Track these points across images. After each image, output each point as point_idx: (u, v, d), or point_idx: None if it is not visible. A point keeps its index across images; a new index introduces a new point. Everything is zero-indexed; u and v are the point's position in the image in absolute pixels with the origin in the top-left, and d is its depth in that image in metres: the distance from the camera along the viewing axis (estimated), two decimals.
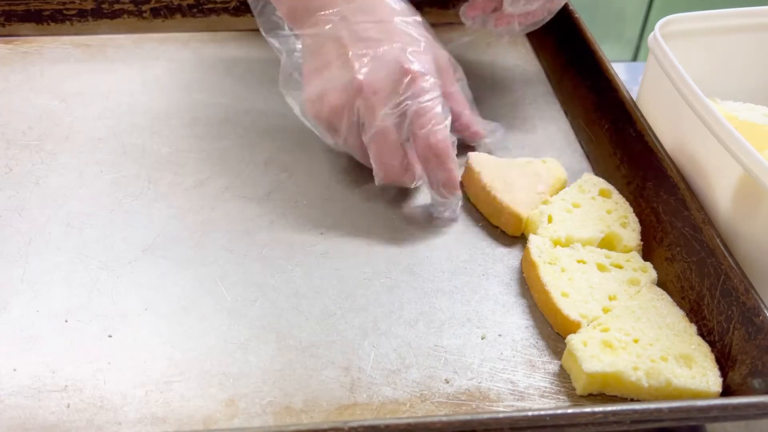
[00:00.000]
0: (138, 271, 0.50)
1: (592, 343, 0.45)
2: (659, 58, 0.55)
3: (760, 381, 0.43)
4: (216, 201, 0.55)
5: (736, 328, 0.45)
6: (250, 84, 0.66)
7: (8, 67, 0.66)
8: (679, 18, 0.59)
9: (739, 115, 0.57)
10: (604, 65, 0.62)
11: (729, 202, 0.50)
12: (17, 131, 0.60)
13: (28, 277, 0.49)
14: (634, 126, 0.57)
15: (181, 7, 0.71)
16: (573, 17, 0.68)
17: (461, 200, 0.55)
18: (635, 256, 0.52)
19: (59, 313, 0.47)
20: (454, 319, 0.49)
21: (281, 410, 0.43)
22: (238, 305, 0.48)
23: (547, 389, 0.45)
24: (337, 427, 0.37)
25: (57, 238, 0.52)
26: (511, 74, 0.70)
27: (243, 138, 0.61)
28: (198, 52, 0.70)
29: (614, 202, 0.55)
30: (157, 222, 0.53)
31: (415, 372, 0.45)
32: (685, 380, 0.44)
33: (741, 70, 0.63)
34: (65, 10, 0.70)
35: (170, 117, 0.62)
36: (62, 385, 0.44)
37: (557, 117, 0.66)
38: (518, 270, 0.52)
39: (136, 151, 0.59)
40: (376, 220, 0.55)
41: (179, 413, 0.43)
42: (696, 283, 0.49)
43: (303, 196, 0.56)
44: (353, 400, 0.44)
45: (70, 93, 0.64)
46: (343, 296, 0.49)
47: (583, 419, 0.39)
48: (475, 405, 0.44)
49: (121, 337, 0.46)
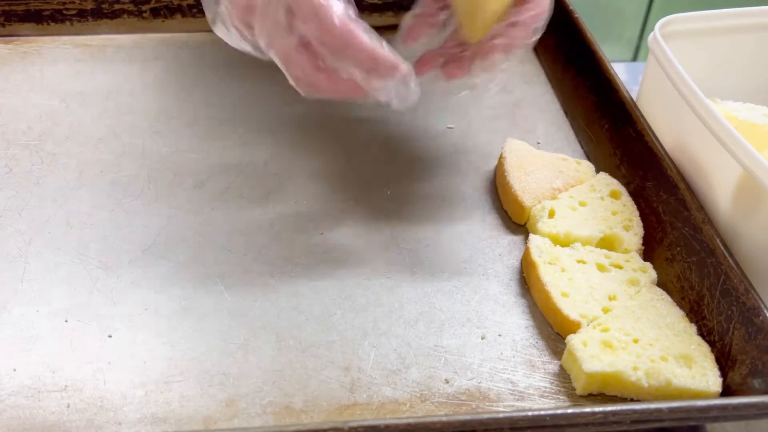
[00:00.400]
0: (138, 271, 0.50)
1: (592, 343, 0.45)
2: (659, 58, 0.55)
3: (760, 381, 0.43)
4: (216, 201, 0.55)
5: (736, 328, 0.45)
6: (250, 84, 0.66)
7: (8, 67, 0.66)
8: (679, 18, 0.59)
9: (739, 115, 0.57)
10: (604, 65, 0.62)
11: (729, 202, 0.50)
12: (17, 131, 0.60)
13: (28, 277, 0.49)
14: (634, 126, 0.57)
15: (181, 7, 0.71)
16: (573, 17, 0.68)
17: (414, 84, 0.46)
18: (635, 257, 0.52)
19: (59, 313, 0.47)
20: (454, 319, 0.49)
21: (281, 410, 0.43)
22: (238, 305, 0.48)
23: (547, 389, 0.45)
24: (337, 427, 0.37)
25: (57, 238, 0.52)
26: (511, 74, 0.70)
27: (243, 138, 0.61)
28: (198, 52, 0.70)
29: (622, 204, 0.55)
30: (157, 222, 0.53)
31: (415, 372, 0.45)
32: (685, 380, 0.44)
33: (741, 70, 0.63)
34: (65, 10, 0.70)
35: (170, 117, 0.62)
36: (62, 385, 0.44)
37: (557, 117, 0.66)
38: (518, 270, 0.52)
39: (136, 151, 0.59)
40: (376, 220, 0.55)
41: (179, 413, 0.43)
42: (696, 283, 0.49)
43: (303, 196, 0.56)
44: (353, 400, 0.44)
45: (70, 93, 0.64)
46: (343, 296, 0.49)
47: (583, 419, 0.39)
48: (475, 405, 0.44)
49: (121, 337, 0.46)
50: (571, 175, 0.57)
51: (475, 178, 0.59)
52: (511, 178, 0.56)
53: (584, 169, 0.58)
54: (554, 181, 0.56)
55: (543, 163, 0.57)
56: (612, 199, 0.55)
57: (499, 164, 0.58)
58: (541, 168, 0.57)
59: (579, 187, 0.56)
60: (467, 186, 0.58)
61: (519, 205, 0.55)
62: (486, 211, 0.56)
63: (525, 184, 0.55)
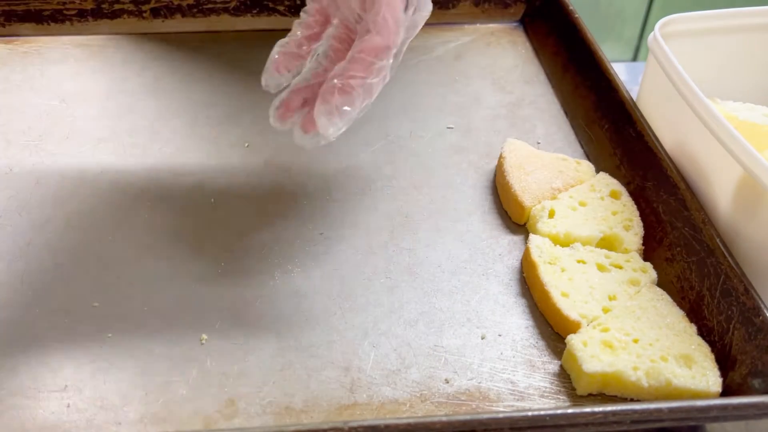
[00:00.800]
0: (138, 270, 0.50)
1: (592, 343, 0.45)
2: (659, 58, 0.55)
3: (760, 381, 0.43)
4: (216, 201, 0.55)
5: (736, 328, 0.45)
6: (250, 84, 0.66)
7: (8, 67, 0.66)
8: (679, 18, 0.59)
9: (739, 115, 0.57)
10: (604, 65, 0.62)
11: (729, 202, 0.50)
12: (17, 131, 0.60)
13: (28, 277, 0.49)
14: (634, 126, 0.57)
15: (181, 7, 0.71)
16: (573, 17, 0.68)
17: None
18: (635, 257, 0.52)
19: (59, 313, 0.47)
20: (454, 319, 0.49)
21: (281, 410, 0.43)
22: (238, 305, 0.48)
23: (547, 389, 0.45)
24: (337, 427, 0.37)
25: (57, 238, 0.52)
26: (511, 74, 0.70)
27: (243, 138, 0.61)
28: (198, 52, 0.70)
29: (622, 204, 0.55)
30: (157, 222, 0.53)
31: (415, 372, 0.45)
32: (685, 380, 0.44)
33: (741, 70, 0.63)
34: (65, 10, 0.70)
35: (170, 117, 0.62)
36: (62, 385, 0.44)
37: (557, 117, 0.66)
38: (518, 270, 0.52)
39: (136, 151, 0.59)
40: (376, 219, 0.55)
41: (179, 413, 0.43)
42: (696, 283, 0.49)
43: (303, 196, 0.56)
44: (353, 400, 0.44)
45: (70, 93, 0.64)
46: (343, 296, 0.49)
47: (583, 419, 0.39)
48: (475, 405, 0.44)
49: (121, 337, 0.46)
50: (571, 175, 0.57)
51: (475, 178, 0.59)
52: (511, 178, 0.56)
53: (584, 169, 0.58)
54: (554, 181, 0.56)
55: (543, 163, 0.57)
56: (612, 199, 0.55)
57: (499, 164, 0.58)
58: (541, 168, 0.57)
59: (579, 187, 0.56)
60: (467, 186, 0.58)
61: (519, 205, 0.55)
62: (486, 211, 0.57)
63: (525, 184, 0.55)
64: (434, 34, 0.73)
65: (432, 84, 0.67)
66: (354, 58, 0.43)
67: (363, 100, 0.44)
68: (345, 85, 0.43)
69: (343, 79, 0.43)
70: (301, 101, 0.47)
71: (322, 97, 0.43)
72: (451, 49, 0.59)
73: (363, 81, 0.43)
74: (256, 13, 0.72)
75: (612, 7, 0.93)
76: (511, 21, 0.76)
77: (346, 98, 0.43)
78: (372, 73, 0.43)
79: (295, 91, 0.47)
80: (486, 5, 0.75)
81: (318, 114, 0.43)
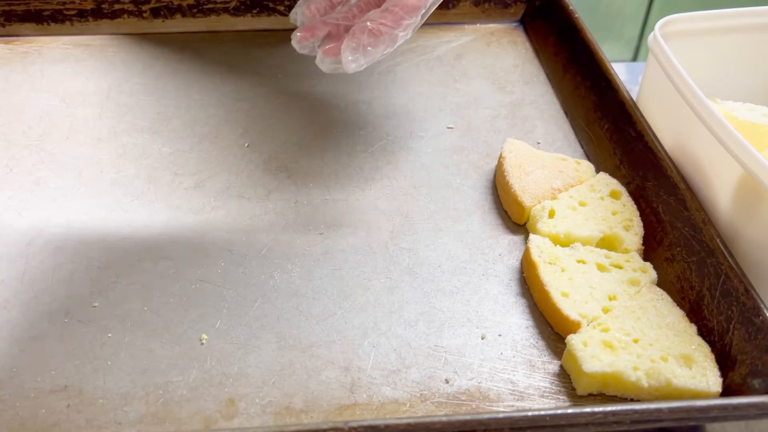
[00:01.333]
0: (138, 270, 0.50)
1: (592, 343, 0.45)
2: (659, 58, 0.55)
3: (760, 381, 0.43)
4: (216, 201, 0.55)
5: (736, 328, 0.45)
6: (250, 84, 0.66)
7: (8, 67, 0.66)
8: (679, 18, 0.59)
9: (739, 115, 0.57)
10: (604, 65, 0.62)
11: (729, 202, 0.50)
12: (17, 131, 0.60)
13: (28, 277, 0.49)
14: (634, 126, 0.57)
15: (181, 7, 0.71)
16: (573, 17, 0.68)
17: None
18: (635, 257, 0.52)
19: (59, 313, 0.47)
20: (454, 319, 0.49)
21: (281, 410, 0.43)
22: (238, 305, 0.48)
23: (547, 389, 0.45)
24: (337, 427, 0.37)
25: (57, 238, 0.52)
26: (511, 74, 0.70)
27: (243, 138, 0.61)
28: (198, 52, 0.70)
29: (622, 204, 0.55)
30: (157, 222, 0.53)
31: (415, 372, 0.45)
32: (685, 380, 0.44)
33: (741, 70, 0.63)
34: (65, 10, 0.70)
35: (170, 117, 0.62)
36: (62, 385, 0.44)
37: (557, 117, 0.66)
38: (518, 270, 0.52)
39: (136, 151, 0.59)
40: (376, 219, 0.55)
41: (179, 413, 0.43)
42: (696, 283, 0.49)
43: (303, 196, 0.56)
44: (353, 400, 0.44)
45: (70, 93, 0.64)
46: (343, 296, 0.49)
47: (583, 419, 0.39)
48: (475, 405, 0.44)
49: (121, 337, 0.46)
50: (571, 175, 0.57)
51: (475, 178, 0.59)
52: (510, 177, 0.56)
53: (584, 169, 0.58)
54: (554, 181, 0.56)
55: (543, 163, 0.57)
56: (612, 199, 0.55)
57: (499, 164, 0.58)
58: (541, 168, 0.57)
59: (579, 187, 0.56)
60: (467, 186, 0.58)
61: (519, 205, 0.55)
62: (486, 211, 0.57)
63: (525, 184, 0.55)
64: (434, 34, 0.73)
65: (432, 84, 0.67)
66: (388, 9, 0.50)
67: (386, 47, 0.50)
68: (375, 29, 0.49)
69: (375, 24, 0.49)
70: (326, 32, 0.53)
71: (353, 34, 0.50)
72: (451, 49, 0.59)
73: (391, 30, 0.50)
74: (256, 13, 0.72)
75: (612, 7, 0.94)
76: (511, 21, 0.76)
77: (373, 40, 0.49)
78: (400, 27, 0.50)
79: (324, 22, 0.53)
80: (486, 5, 0.75)
81: (345, 47, 0.49)
